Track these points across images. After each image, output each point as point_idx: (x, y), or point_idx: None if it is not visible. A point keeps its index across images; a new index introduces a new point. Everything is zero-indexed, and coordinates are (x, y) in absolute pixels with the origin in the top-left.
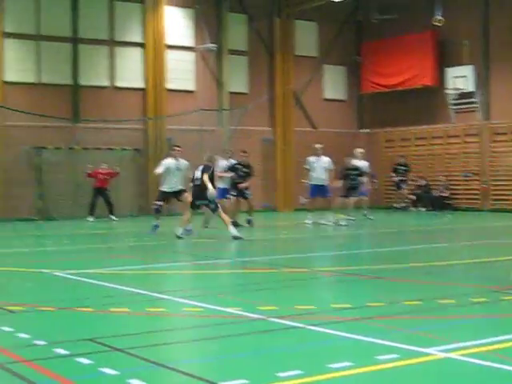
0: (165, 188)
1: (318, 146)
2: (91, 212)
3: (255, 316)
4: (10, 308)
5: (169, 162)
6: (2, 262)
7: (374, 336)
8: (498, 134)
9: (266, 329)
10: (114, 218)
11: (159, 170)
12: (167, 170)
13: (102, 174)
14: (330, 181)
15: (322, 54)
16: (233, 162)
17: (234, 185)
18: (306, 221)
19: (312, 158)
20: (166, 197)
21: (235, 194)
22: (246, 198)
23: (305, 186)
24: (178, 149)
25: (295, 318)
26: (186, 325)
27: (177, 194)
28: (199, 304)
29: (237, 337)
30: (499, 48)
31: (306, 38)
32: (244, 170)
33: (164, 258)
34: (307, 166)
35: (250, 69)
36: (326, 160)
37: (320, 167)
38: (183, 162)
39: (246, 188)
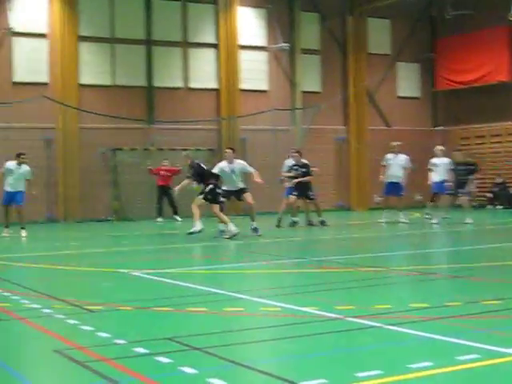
0: (225, 187)
1: (394, 143)
2: (159, 213)
3: (332, 315)
4: (90, 307)
5: (223, 165)
6: (80, 262)
7: (453, 336)
8: None
9: (344, 328)
10: (178, 218)
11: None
12: (222, 173)
13: (163, 170)
14: (405, 179)
15: (395, 51)
16: (292, 162)
17: (296, 185)
18: (381, 220)
19: (389, 155)
20: (228, 195)
21: (297, 194)
22: (310, 199)
23: (381, 183)
24: (228, 151)
25: (372, 317)
26: (263, 324)
27: (238, 193)
28: (276, 303)
29: (314, 336)
30: None
31: (378, 35)
32: (301, 169)
33: (239, 258)
34: (384, 163)
35: (322, 68)
36: (402, 158)
37: (396, 165)
38: (237, 164)
39: (303, 186)
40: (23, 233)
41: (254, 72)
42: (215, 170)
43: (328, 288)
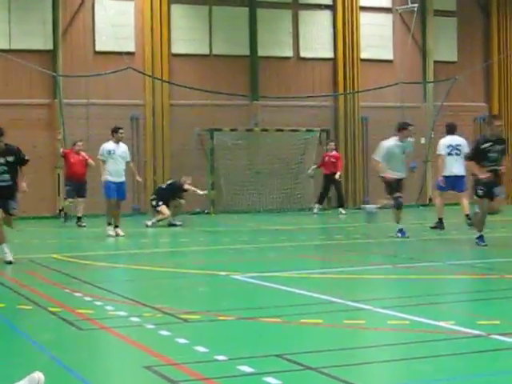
0: (395, 175)
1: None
2: (319, 201)
3: (473, 332)
4: (184, 317)
5: (391, 143)
6: (172, 263)
7: None
8: None
9: (487, 348)
10: (343, 211)
11: (377, 156)
12: (390, 155)
13: (329, 156)
14: None
15: None
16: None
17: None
18: None
19: None
20: (399, 185)
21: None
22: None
23: None
24: (410, 128)
25: None
26: (390, 341)
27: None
28: (404, 316)
29: (451, 357)
30: None
31: None
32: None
33: (358, 260)
34: None
35: (460, 33)
36: None
37: None
38: (408, 142)
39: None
40: (120, 231)
41: (377, 38)
42: (379, 155)
43: (467, 298)
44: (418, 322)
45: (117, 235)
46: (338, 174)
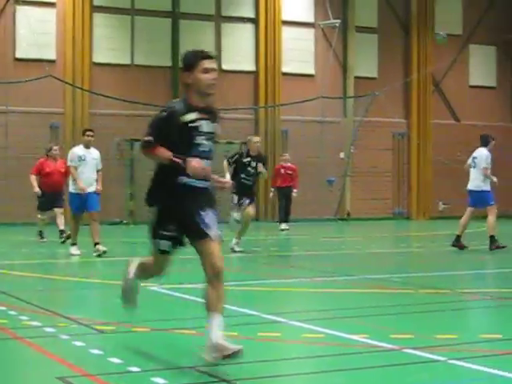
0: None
1: None
2: (285, 218)
3: (386, 346)
4: (99, 327)
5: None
6: (89, 273)
7: None
8: None
9: (400, 362)
10: (285, 226)
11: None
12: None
13: (284, 168)
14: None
15: (467, 31)
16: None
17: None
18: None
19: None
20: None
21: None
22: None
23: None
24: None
25: (435, 349)
26: (304, 354)
27: None
28: (319, 329)
29: (364, 370)
30: None
31: (448, 11)
32: None
33: (276, 273)
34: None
35: (380, 49)
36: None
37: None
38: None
39: None
40: (101, 247)
41: (299, 53)
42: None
43: (381, 312)
44: (332, 336)
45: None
46: (295, 190)
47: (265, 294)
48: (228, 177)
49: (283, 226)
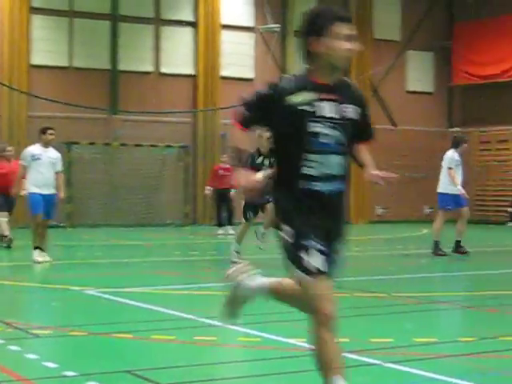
0: None
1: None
2: (221, 222)
3: None
4: (35, 332)
5: None
6: (25, 277)
7: (468, 378)
8: None
9: None
10: (220, 231)
11: None
12: None
13: (224, 169)
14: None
15: (405, 37)
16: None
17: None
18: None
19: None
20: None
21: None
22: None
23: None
24: None
25: (370, 353)
26: (240, 357)
27: None
28: (256, 333)
29: (300, 374)
30: None
31: (386, 17)
32: None
33: (214, 276)
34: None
35: None
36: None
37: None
38: None
39: None
40: (40, 257)
41: (238, 57)
42: None
43: None
44: (268, 339)
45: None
46: (234, 190)
47: (202, 298)
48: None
49: (223, 230)
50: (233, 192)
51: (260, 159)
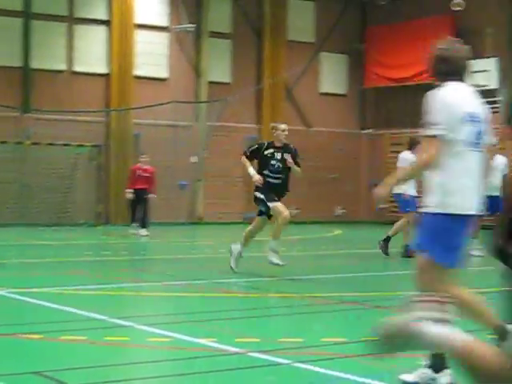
0: None
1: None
2: (136, 220)
3: (232, 349)
4: None
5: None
6: None
7: (377, 377)
8: None
9: (245, 365)
10: (133, 231)
11: None
12: None
13: (142, 170)
14: None
15: (319, 39)
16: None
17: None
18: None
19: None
20: None
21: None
22: None
23: None
24: None
25: (280, 352)
26: (151, 358)
27: None
28: (168, 333)
29: (210, 374)
30: None
31: (301, 20)
32: None
33: (128, 277)
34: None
35: (233, 55)
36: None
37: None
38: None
39: None
40: None
41: (153, 56)
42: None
43: (229, 316)
44: (179, 340)
45: None
46: (152, 194)
47: (113, 298)
48: (252, 171)
49: (140, 231)
50: (151, 195)
51: (271, 151)
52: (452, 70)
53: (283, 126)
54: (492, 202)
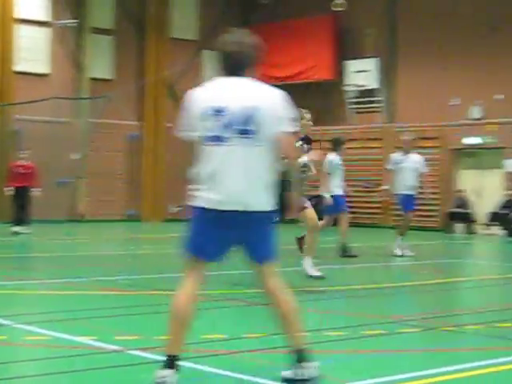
0: None
1: (407, 137)
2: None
3: (111, 347)
4: None
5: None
6: None
7: (258, 374)
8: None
9: (124, 363)
10: (15, 229)
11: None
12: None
13: (21, 167)
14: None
15: (202, 37)
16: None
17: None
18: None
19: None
20: None
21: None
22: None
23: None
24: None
25: (160, 350)
26: (29, 357)
27: None
28: (45, 331)
29: (88, 372)
30: (408, 39)
31: (184, 17)
32: None
33: (6, 275)
34: (391, 166)
35: (116, 51)
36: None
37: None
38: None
39: None
40: None
41: (33, 51)
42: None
43: (108, 314)
44: (57, 338)
45: None
46: (36, 189)
47: None
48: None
49: (20, 228)
50: (34, 191)
51: (299, 143)
52: (222, 65)
53: (308, 117)
54: (406, 201)
